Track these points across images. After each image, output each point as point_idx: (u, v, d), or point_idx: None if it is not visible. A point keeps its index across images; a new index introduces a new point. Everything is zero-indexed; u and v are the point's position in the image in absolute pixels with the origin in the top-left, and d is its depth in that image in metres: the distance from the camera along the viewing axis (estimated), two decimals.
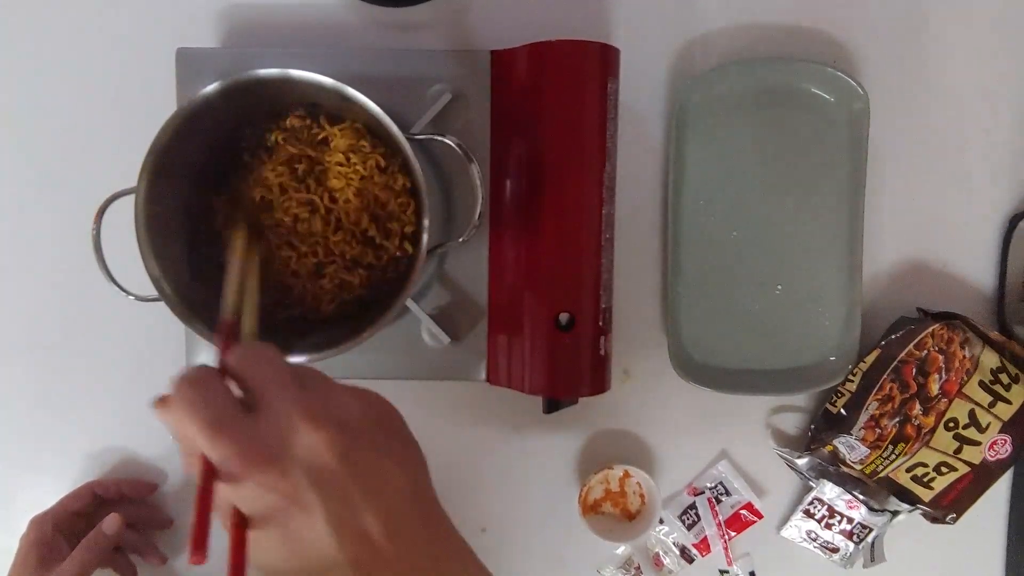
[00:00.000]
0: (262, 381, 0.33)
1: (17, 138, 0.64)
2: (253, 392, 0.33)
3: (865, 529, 0.65)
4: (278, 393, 0.33)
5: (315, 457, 0.31)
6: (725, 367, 0.64)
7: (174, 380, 0.33)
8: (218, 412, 0.32)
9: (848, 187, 0.62)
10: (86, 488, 0.63)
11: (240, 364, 0.34)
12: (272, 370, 0.34)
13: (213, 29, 0.63)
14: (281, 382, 0.33)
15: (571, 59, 0.55)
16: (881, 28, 0.64)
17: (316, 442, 0.31)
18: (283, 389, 0.33)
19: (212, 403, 0.32)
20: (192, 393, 0.32)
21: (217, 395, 0.32)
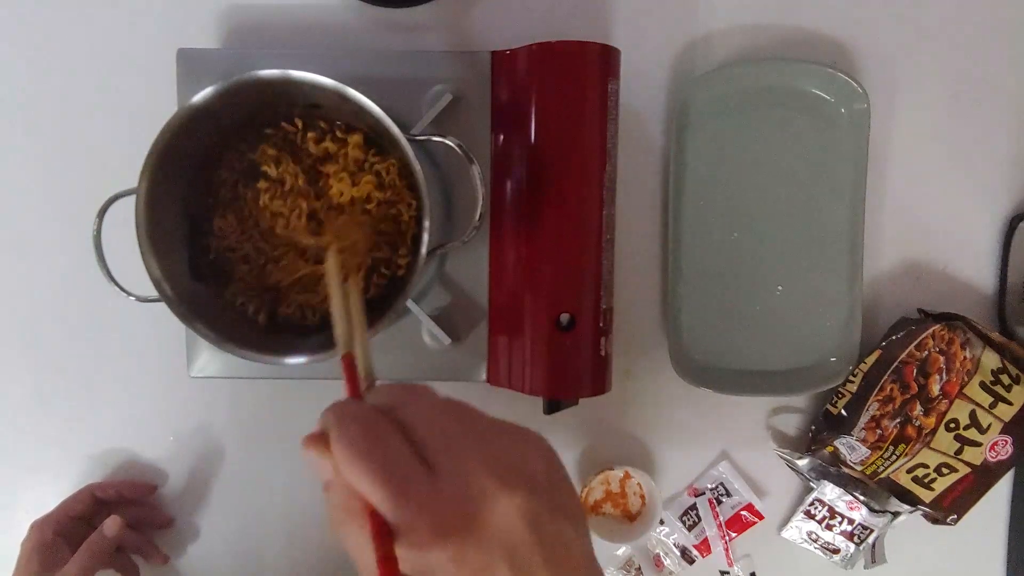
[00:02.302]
0: (437, 432, 0.30)
1: (18, 138, 0.64)
2: (426, 445, 0.30)
3: (866, 530, 0.65)
4: (454, 448, 0.30)
5: (509, 527, 0.28)
6: (726, 368, 0.64)
7: (331, 415, 0.30)
8: (399, 467, 0.28)
9: (848, 187, 0.62)
10: (85, 491, 0.62)
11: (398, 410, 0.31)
12: (445, 418, 0.31)
13: (214, 30, 0.63)
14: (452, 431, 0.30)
15: (571, 60, 0.55)
16: (881, 28, 0.64)
17: (511, 509, 0.29)
18: (459, 442, 0.30)
19: (389, 453, 0.29)
20: (363, 438, 0.29)
21: (393, 444, 0.29)
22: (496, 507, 0.29)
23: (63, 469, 0.66)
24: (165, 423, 0.66)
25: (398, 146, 0.51)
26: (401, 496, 0.28)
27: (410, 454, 0.29)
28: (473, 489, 0.29)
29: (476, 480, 0.29)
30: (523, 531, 0.29)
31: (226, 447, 0.66)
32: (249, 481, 0.66)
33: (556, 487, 0.31)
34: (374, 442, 0.29)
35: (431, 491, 0.28)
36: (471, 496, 0.29)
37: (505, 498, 0.29)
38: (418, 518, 0.28)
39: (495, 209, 0.59)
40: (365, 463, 0.28)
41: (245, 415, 0.66)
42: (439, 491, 0.28)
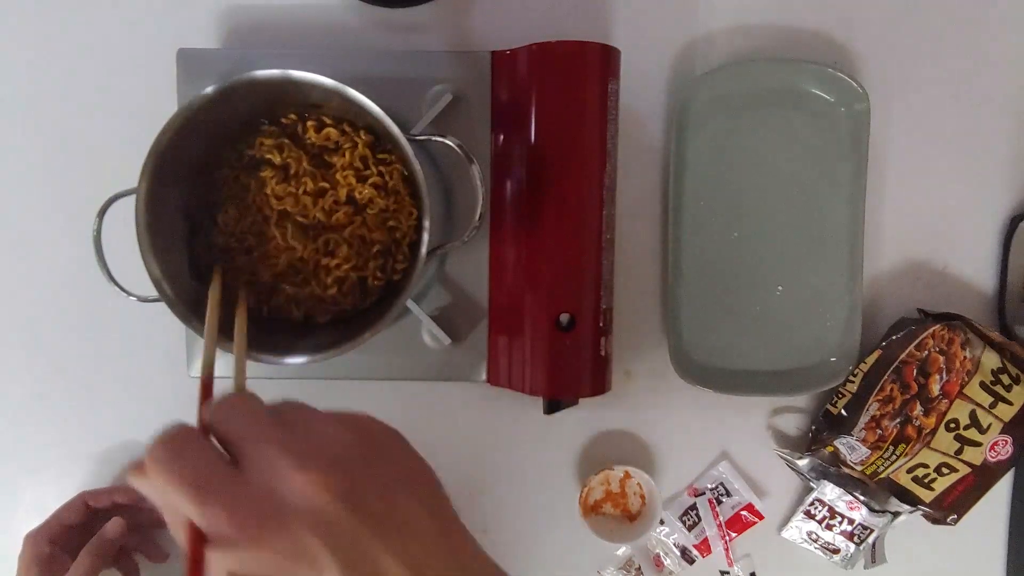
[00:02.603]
0: (239, 431, 0.30)
1: (18, 138, 0.64)
2: (232, 446, 0.30)
3: (866, 530, 0.65)
4: (258, 441, 0.29)
5: (312, 505, 0.28)
6: (726, 368, 0.64)
7: (149, 444, 0.30)
8: (201, 472, 0.28)
9: (849, 187, 0.62)
10: (78, 500, 0.62)
11: (215, 418, 0.31)
12: (249, 418, 0.31)
13: (214, 30, 0.63)
14: (259, 428, 0.30)
15: (571, 60, 0.55)
16: (881, 28, 0.64)
17: (308, 487, 0.28)
18: (262, 435, 0.30)
19: (193, 463, 0.29)
20: (169, 455, 0.29)
21: (197, 454, 0.29)
22: (293, 488, 0.28)
23: (63, 469, 0.66)
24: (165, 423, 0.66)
25: (398, 146, 0.51)
26: (203, 499, 0.28)
27: (215, 460, 0.29)
28: (273, 476, 0.28)
29: (274, 469, 0.28)
30: (333, 506, 0.28)
31: None
32: None
33: (374, 460, 0.31)
34: (174, 453, 0.29)
35: (235, 489, 0.28)
36: (271, 484, 0.28)
37: (301, 477, 0.28)
38: (222, 518, 0.28)
39: (495, 209, 0.59)
40: (166, 474, 0.28)
41: None
42: (244, 487, 0.28)
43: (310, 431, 0.31)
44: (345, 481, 0.29)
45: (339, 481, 0.28)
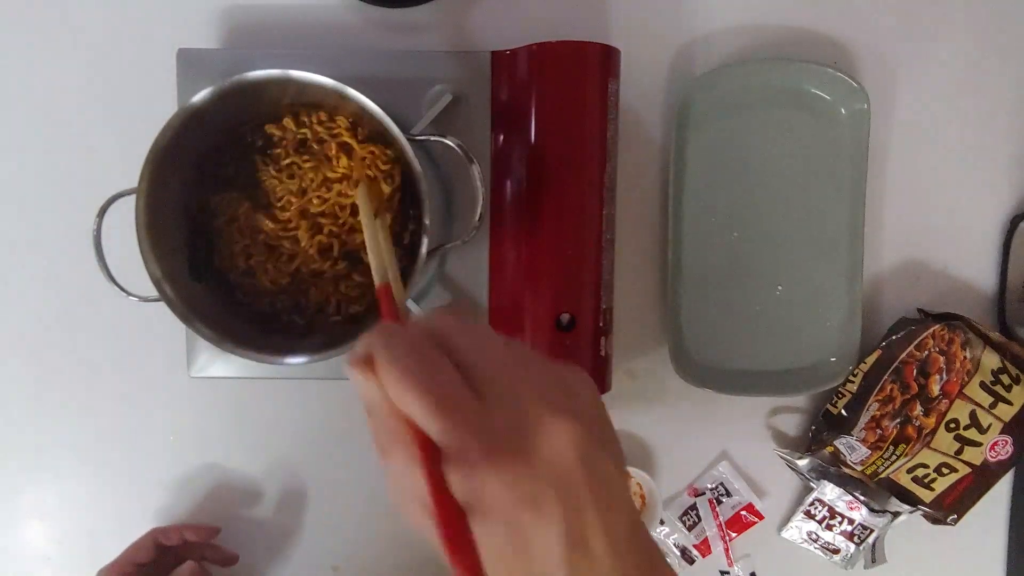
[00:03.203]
0: (487, 359, 0.29)
1: (18, 138, 0.64)
2: (475, 371, 0.29)
3: (866, 530, 0.65)
4: (511, 376, 0.29)
5: (560, 456, 0.28)
6: (726, 368, 0.64)
7: (378, 337, 0.29)
8: (448, 390, 0.27)
9: (848, 187, 0.62)
10: (148, 538, 0.61)
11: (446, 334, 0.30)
12: (492, 346, 0.30)
13: (214, 30, 0.63)
14: (508, 361, 0.29)
15: (571, 60, 0.55)
16: (881, 28, 0.64)
17: (563, 441, 0.28)
18: (513, 370, 0.29)
19: (439, 376, 0.28)
20: (411, 360, 0.28)
21: (443, 367, 0.28)
22: (548, 435, 0.28)
23: (63, 469, 0.66)
24: (165, 423, 0.66)
25: (398, 146, 0.51)
26: (451, 418, 0.27)
27: (459, 379, 0.28)
28: (524, 416, 0.28)
29: (527, 407, 0.28)
30: (573, 462, 0.28)
31: (226, 447, 0.66)
32: (249, 481, 0.66)
33: (603, 422, 0.31)
34: (422, 364, 0.28)
35: (481, 415, 0.28)
36: (522, 422, 0.28)
37: (557, 426, 0.28)
38: (468, 440, 0.27)
39: (495, 209, 0.59)
40: (413, 385, 0.27)
41: (245, 415, 0.66)
42: (489, 415, 0.28)
43: (555, 379, 0.30)
44: (589, 442, 0.28)
45: (585, 440, 0.28)
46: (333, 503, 0.66)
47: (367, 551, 0.67)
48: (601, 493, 0.28)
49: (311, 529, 0.67)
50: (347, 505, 0.66)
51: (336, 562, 0.67)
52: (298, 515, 0.67)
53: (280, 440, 0.66)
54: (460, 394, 0.28)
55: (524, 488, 0.27)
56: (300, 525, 0.67)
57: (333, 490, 0.66)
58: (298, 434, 0.66)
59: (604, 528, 0.28)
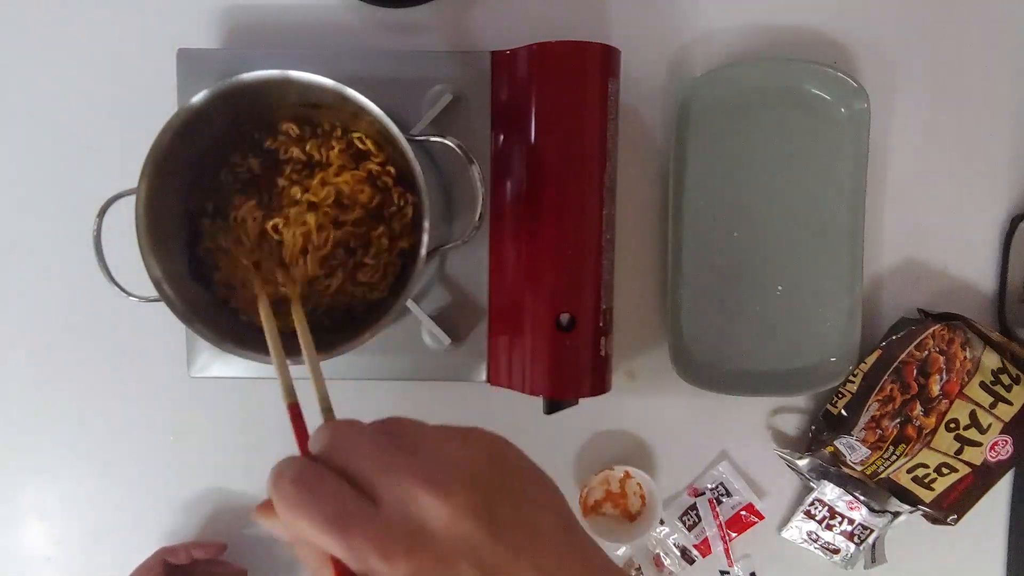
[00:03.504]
0: (363, 462, 0.30)
1: (18, 138, 0.64)
2: (359, 478, 0.29)
3: (866, 530, 0.65)
4: (388, 470, 0.29)
5: (458, 531, 0.28)
6: (726, 368, 0.64)
7: (270, 481, 0.30)
8: (339, 508, 0.28)
9: (849, 187, 0.62)
10: (156, 558, 0.61)
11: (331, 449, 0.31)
12: (369, 446, 0.30)
13: (214, 30, 0.63)
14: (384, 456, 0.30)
15: (571, 60, 0.55)
16: (881, 28, 0.64)
17: (452, 513, 0.28)
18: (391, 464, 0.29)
19: (330, 499, 0.28)
20: (302, 493, 0.29)
21: (331, 488, 0.29)
22: (436, 514, 0.28)
23: (63, 469, 0.66)
24: (165, 423, 0.66)
25: (398, 146, 0.51)
26: (346, 532, 0.27)
27: (348, 492, 0.29)
28: (412, 505, 0.28)
29: (415, 498, 0.28)
30: (474, 529, 0.28)
31: (226, 447, 0.66)
32: (249, 481, 0.66)
33: (510, 475, 0.31)
34: (308, 492, 0.29)
35: (374, 520, 0.28)
36: (411, 513, 0.28)
37: (441, 501, 0.28)
38: (370, 551, 0.27)
39: (495, 209, 0.59)
40: (303, 514, 0.28)
41: (245, 415, 0.66)
42: (383, 518, 0.28)
43: (434, 452, 0.30)
44: (483, 503, 0.29)
45: (478, 503, 0.28)
46: None
47: None
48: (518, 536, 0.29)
49: None
50: None
51: None
52: None
53: (280, 440, 0.66)
54: (349, 507, 0.28)
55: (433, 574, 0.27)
56: None
57: None
58: None
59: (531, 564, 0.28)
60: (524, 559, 0.28)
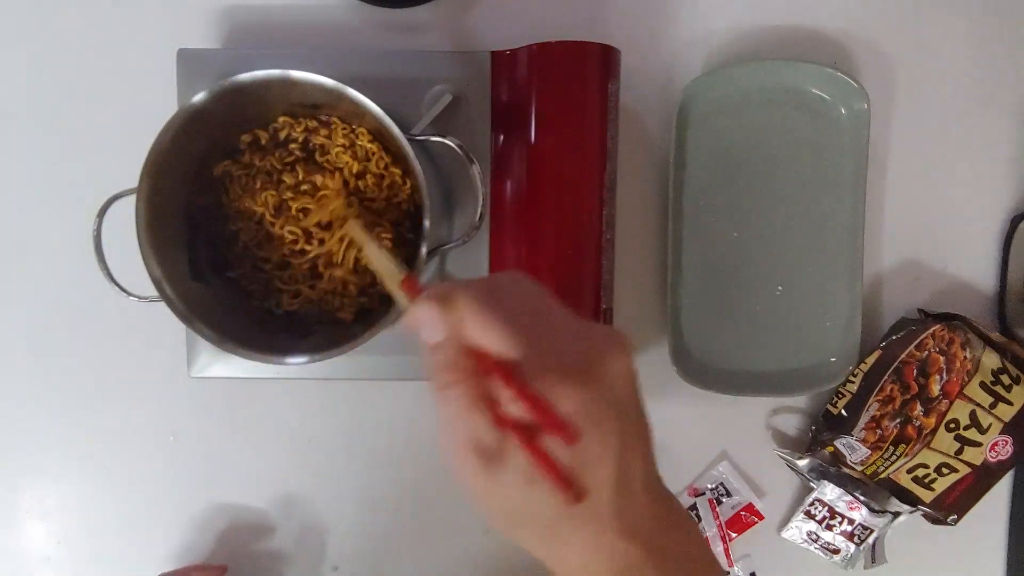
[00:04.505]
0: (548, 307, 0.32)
1: (18, 138, 0.64)
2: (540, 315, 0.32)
3: (866, 530, 0.65)
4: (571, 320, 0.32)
5: (623, 388, 0.31)
6: (726, 368, 0.64)
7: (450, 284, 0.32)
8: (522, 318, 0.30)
9: (849, 187, 0.62)
10: None
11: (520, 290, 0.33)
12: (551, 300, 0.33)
13: (214, 30, 0.63)
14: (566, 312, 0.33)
15: (571, 60, 0.55)
16: (881, 28, 0.64)
17: (620, 371, 0.31)
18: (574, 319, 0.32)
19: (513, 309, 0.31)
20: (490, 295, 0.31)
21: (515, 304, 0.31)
22: (609, 364, 0.30)
23: (63, 470, 0.66)
24: (165, 423, 0.66)
25: (398, 146, 0.51)
26: (528, 338, 0.29)
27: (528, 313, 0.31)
28: (588, 346, 0.31)
29: (589, 340, 0.31)
30: (629, 393, 0.31)
31: (226, 447, 0.66)
32: (249, 481, 0.66)
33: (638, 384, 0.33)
34: (499, 300, 0.31)
35: (553, 341, 0.30)
36: (587, 350, 0.31)
37: (616, 358, 0.31)
38: (545, 357, 0.29)
39: (495, 209, 0.59)
40: (494, 312, 0.30)
41: (245, 415, 0.66)
42: (560, 342, 0.31)
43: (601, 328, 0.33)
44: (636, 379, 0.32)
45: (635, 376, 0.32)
46: (333, 503, 0.66)
47: (367, 551, 0.67)
48: (642, 425, 0.32)
49: (311, 529, 0.67)
50: (347, 505, 0.66)
51: (336, 562, 0.67)
52: (298, 515, 0.67)
53: (280, 440, 0.66)
54: (535, 327, 0.31)
55: (592, 408, 0.29)
56: (300, 525, 0.67)
57: (333, 490, 0.66)
58: (298, 434, 0.66)
59: (643, 459, 0.31)
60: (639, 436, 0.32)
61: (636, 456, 0.31)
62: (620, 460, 0.30)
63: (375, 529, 0.66)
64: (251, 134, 0.55)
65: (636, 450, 0.31)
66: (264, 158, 0.55)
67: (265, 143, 0.55)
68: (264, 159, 0.55)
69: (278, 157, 0.55)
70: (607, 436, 0.30)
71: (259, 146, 0.56)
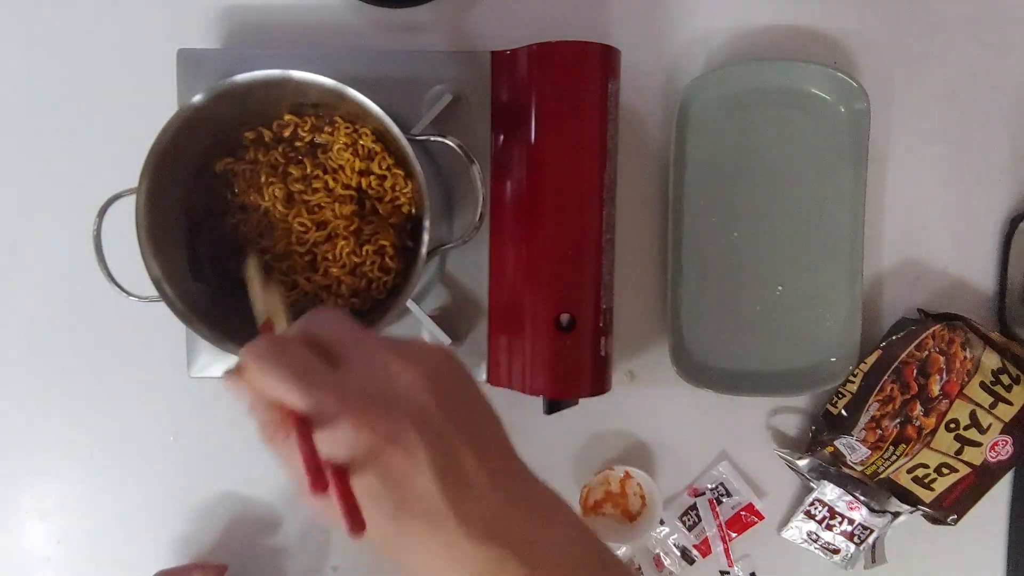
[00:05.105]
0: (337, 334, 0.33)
1: (18, 138, 0.64)
2: (332, 346, 0.33)
3: (866, 530, 0.65)
4: (359, 341, 0.32)
5: (415, 399, 0.31)
6: (726, 368, 0.64)
7: (243, 353, 0.32)
8: (305, 365, 0.31)
9: (849, 187, 0.62)
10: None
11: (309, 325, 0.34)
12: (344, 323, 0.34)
13: (214, 30, 0.63)
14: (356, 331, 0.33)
15: (571, 60, 0.55)
16: (881, 28, 0.64)
17: (414, 382, 0.31)
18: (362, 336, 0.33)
19: (298, 357, 0.31)
20: (273, 352, 0.32)
21: (299, 350, 0.32)
22: (398, 380, 0.31)
23: (63, 470, 0.66)
24: (165, 423, 0.66)
25: (398, 146, 0.51)
26: (307, 385, 0.30)
27: (314, 357, 0.32)
28: (377, 367, 0.31)
29: (383, 361, 0.31)
30: (428, 400, 0.31)
31: (226, 447, 0.66)
32: (250, 481, 0.66)
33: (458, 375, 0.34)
34: (278, 350, 0.32)
35: (336, 380, 0.31)
36: (375, 372, 0.31)
37: (406, 372, 0.31)
38: (328, 402, 0.30)
39: (495, 209, 0.59)
40: (271, 368, 0.31)
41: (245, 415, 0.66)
42: (345, 379, 0.31)
43: (406, 343, 0.33)
44: (440, 385, 0.32)
45: (437, 383, 0.31)
46: None
47: (367, 551, 0.67)
48: (466, 425, 0.32)
49: (311, 529, 0.67)
50: None
51: (336, 562, 0.67)
52: (298, 515, 0.66)
53: None
54: (314, 368, 0.31)
55: (383, 431, 0.30)
56: (300, 525, 0.67)
57: None
58: None
59: (478, 458, 0.31)
60: (465, 442, 0.31)
61: (465, 456, 0.31)
62: (437, 467, 0.30)
63: None
64: (255, 131, 0.55)
65: (460, 451, 0.31)
66: (268, 153, 0.55)
67: (269, 140, 0.56)
68: (268, 154, 0.55)
69: (282, 152, 0.55)
70: (411, 448, 0.30)
71: (262, 143, 0.56)
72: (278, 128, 0.56)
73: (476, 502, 0.31)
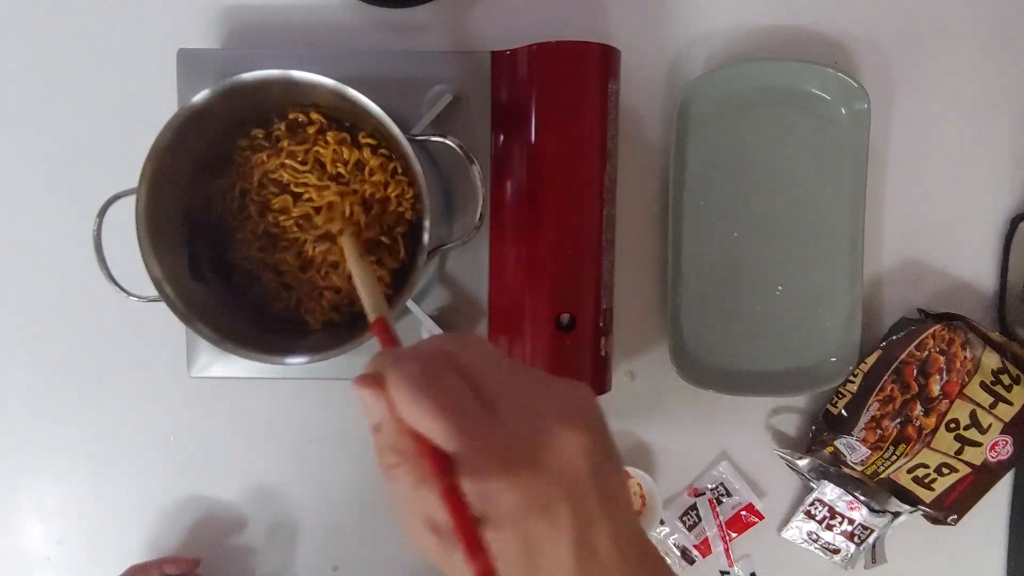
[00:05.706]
0: (494, 373, 0.30)
1: (18, 139, 0.64)
2: (483, 385, 0.30)
3: (866, 530, 0.65)
4: (518, 387, 0.30)
5: (571, 467, 0.28)
6: (726, 368, 0.64)
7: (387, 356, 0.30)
8: (459, 402, 0.28)
9: (849, 187, 0.62)
10: (128, 574, 0.61)
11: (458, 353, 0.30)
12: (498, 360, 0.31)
13: (214, 30, 0.63)
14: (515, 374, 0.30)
15: (572, 60, 0.55)
16: (881, 28, 0.64)
17: (573, 450, 0.29)
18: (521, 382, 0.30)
19: (450, 391, 0.28)
20: (422, 375, 0.29)
21: (453, 383, 0.29)
22: (559, 445, 0.28)
23: (63, 470, 0.66)
24: (165, 423, 0.66)
25: (398, 146, 0.51)
26: (463, 428, 0.27)
27: (470, 393, 0.29)
28: (534, 427, 0.29)
29: (536, 418, 0.29)
30: (583, 472, 0.29)
31: (226, 447, 0.66)
32: (249, 481, 0.66)
33: (606, 432, 0.32)
34: (433, 379, 0.29)
35: (493, 427, 0.28)
36: (532, 433, 0.28)
37: (567, 436, 0.29)
38: (481, 449, 0.27)
39: (495, 209, 0.59)
40: (425, 399, 0.28)
41: (245, 415, 0.66)
42: (501, 427, 0.28)
43: (561, 390, 0.31)
44: (597, 452, 0.29)
45: (593, 450, 0.29)
46: (333, 503, 0.66)
47: (367, 551, 0.67)
48: (609, 502, 0.29)
49: (311, 529, 0.67)
50: (347, 505, 0.66)
51: (336, 562, 0.67)
52: (298, 515, 0.67)
53: (280, 440, 0.66)
54: (471, 407, 0.29)
55: (537, 497, 0.27)
56: (300, 525, 0.67)
57: (333, 490, 0.66)
58: (298, 434, 0.66)
59: (613, 536, 0.29)
60: (606, 518, 0.29)
61: (600, 531, 0.29)
62: (576, 543, 0.28)
63: (375, 529, 0.66)
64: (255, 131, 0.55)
65: (599, 525, 0.29)
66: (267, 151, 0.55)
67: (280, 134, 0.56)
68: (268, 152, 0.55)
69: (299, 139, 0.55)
70: (558, 521, 0.28)
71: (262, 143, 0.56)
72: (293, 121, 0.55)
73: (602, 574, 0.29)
